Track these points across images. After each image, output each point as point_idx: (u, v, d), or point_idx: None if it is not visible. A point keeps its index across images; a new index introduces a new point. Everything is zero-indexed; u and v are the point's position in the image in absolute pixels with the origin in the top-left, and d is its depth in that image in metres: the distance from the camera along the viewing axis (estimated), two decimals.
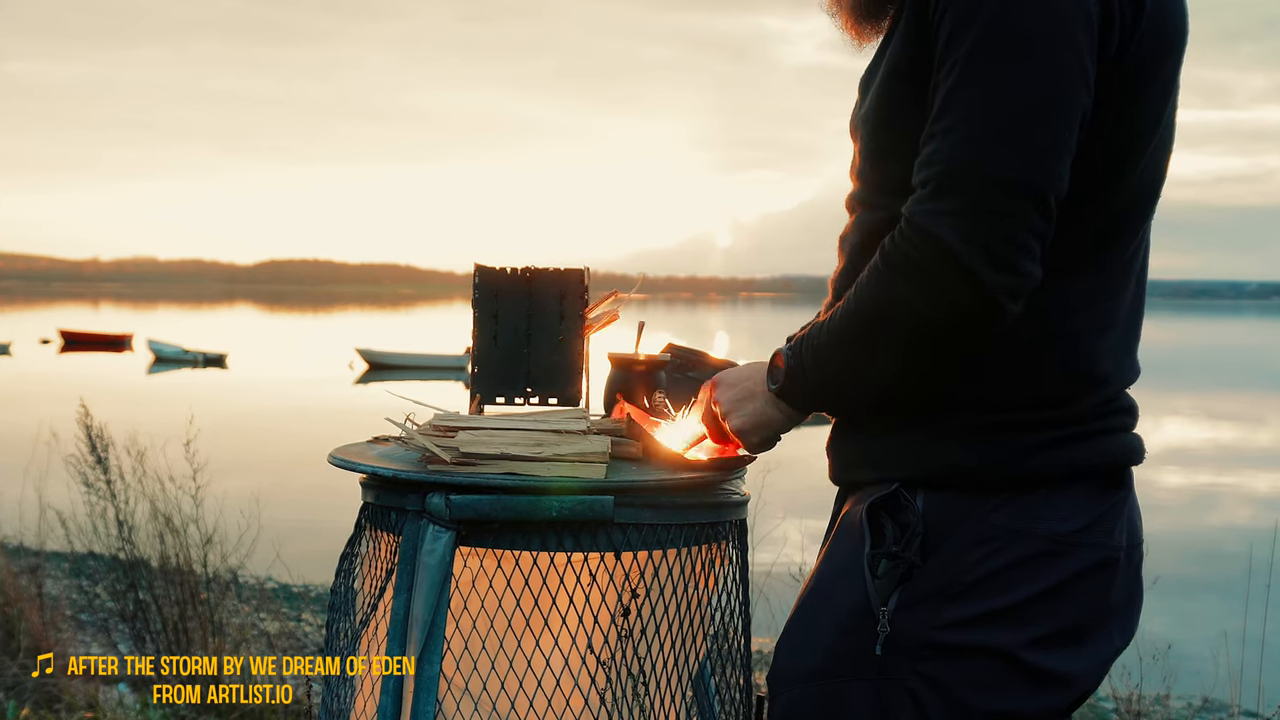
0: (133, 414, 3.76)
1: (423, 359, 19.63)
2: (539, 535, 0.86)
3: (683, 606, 0.92)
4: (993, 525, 0.75)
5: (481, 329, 1.04)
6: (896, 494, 0.77)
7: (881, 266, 0.73)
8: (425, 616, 0.86)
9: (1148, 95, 0.75)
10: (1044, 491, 0.76)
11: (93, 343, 24.45)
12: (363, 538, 0.96)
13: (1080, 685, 0.77)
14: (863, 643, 0.76)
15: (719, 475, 0.92)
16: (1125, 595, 0.79)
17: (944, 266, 0.70)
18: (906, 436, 0.78)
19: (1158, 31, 0.73)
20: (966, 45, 0.70)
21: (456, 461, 0.86)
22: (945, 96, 0.71)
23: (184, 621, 2.54)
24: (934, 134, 0.72)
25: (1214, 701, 2.34)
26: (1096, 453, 0.77)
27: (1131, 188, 0.77)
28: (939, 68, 0.72)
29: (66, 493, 2.84)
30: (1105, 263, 0.77)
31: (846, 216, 0.84)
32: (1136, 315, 0.81)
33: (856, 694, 0.76)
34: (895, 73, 0.77)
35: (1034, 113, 0.69)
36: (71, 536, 2.82)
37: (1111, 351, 0.78)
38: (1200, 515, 6.87)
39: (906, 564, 0.75)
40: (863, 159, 0.81)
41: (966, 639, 0.74)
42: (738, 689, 0.98)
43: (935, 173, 0.71)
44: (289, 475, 6.73)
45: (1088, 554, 0.76)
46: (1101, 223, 0.76)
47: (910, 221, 0.72)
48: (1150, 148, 0.76)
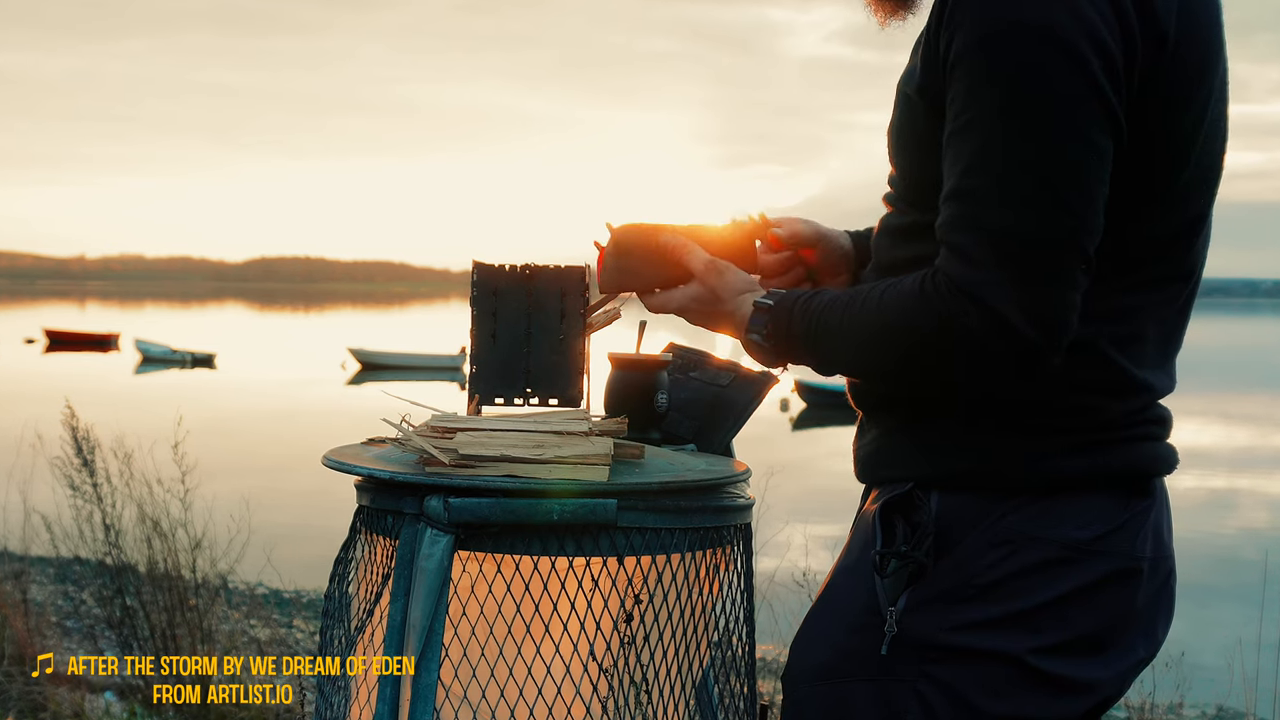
0: (119, 415, 3.71)
1: (417, 359, 19.58)
2: (539, 539, 0.85)
3: (686, 612, 0.90)
4: (1008, 529, 0.74)
5: (480, 328, 1.02)
6: (911, 494, 0.76)
7: (925, 319, 0.71)
8: (423, 622, 0.84)
9: (1179, 121, 0.73)
10: (1063, 497, 0.75)
11: (78, 342, 24.28)
12: (358, 542, 0.94)
13: (1097, 694, 0.76)
14: (870, 642, 0.75)
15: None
16: (1150, 606, 0.78)
17: (1005, 341, 0.69)
18: (926, 437, 0.77)
19: (1185, 60, 0.72)
20: (989, 102, 0.69)
21: (455, 463, 0.85)
22: (971, 154, 0.69)
23: (172, 628, 2.50)
24: (963, 192, 0.70)
25: (1228, 710, 2.33)
26: (1121, 460, 0.75)
27: (1176, 202, 0.75)
28: (954, 113, 0.71)
29: (52, 496, 2.80)
30: (1141, 277, 0.76)
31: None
32: (1179, 326, 0.79)
33: (862, 695, 0.75)
34: (908, 98, 0.76)
35: (1069, 173, 0.68)
36: (57, 541, 2.78)
37: (1145, 363, 0.77)
38: (1215, 519, 6.83)
39: (916, 564, 0.74)
40: (893, 170, 0.82)
41: (976, 642, 0.73)
42: (741, 697, 0.97)
43: (976, 239, 0.69)
44: (280, 478, 6.68)
45: (1105, 562, 0.75)
46: (1146, 237, 0.75)
47: (960, 288, 0.69)
48: (1188, 167, 0.75)
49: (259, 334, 34.54)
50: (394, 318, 49.69)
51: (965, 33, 0.70)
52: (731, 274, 0.84)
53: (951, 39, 0.71)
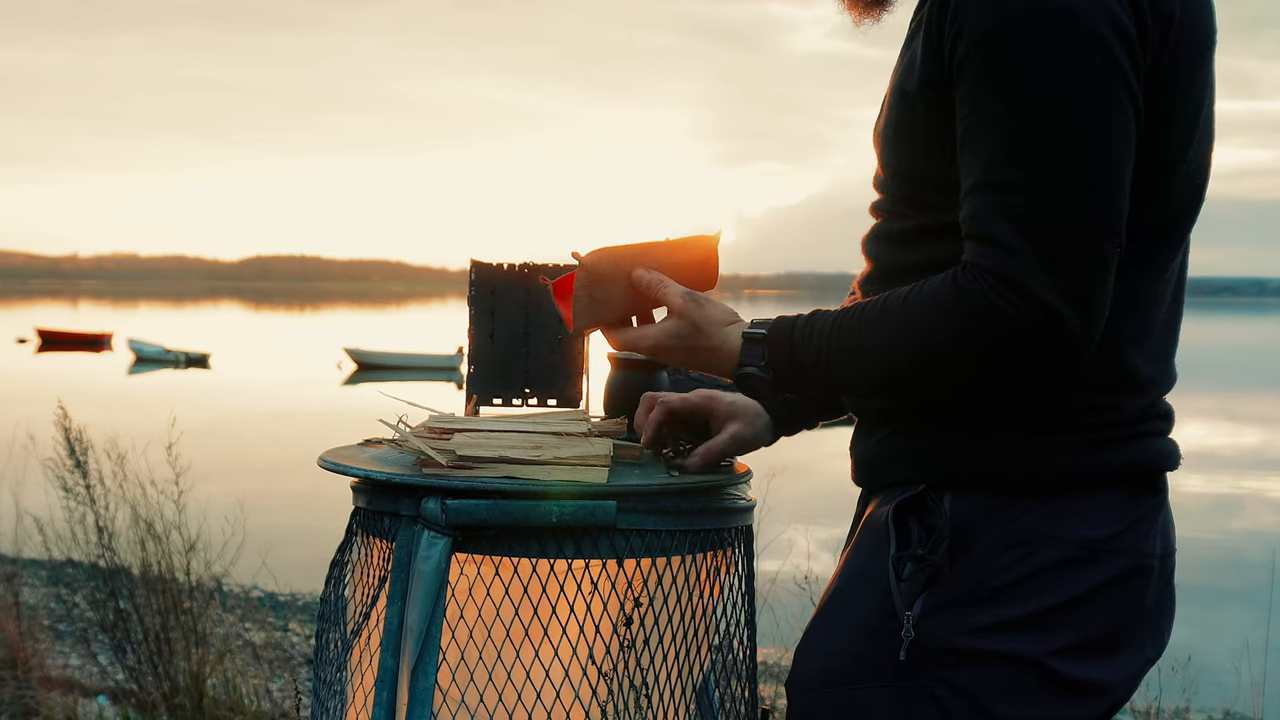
0: (113, 416, 3.69)
1: (413, 359, 19.53)
2: (538, 541, 0.84)
3: (687, 615, 0.89)
4: (1023, 529, 0.73)
5: (478, 327, 1.01)
6: (923, 495, 0.75)
7: (966, 316, 0.69)
8: (420, 626, 0.83)
9: (1183, 105, 0.73)
10: (1076, 495, 0.74)
11: (71, 342, 24.18)
12: (354, 544, 0.93)
13: (1111, 696, 0.75)
14: (886, 648, 0.74)
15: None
16: (1157, 604, 0.77)
17: (1050, 329, 0.68)
18: (934, 437, 0.76)
19: (1188, 40, 0.71)
20: (1010, 89, 0.67)
21: (453, 465, 0.84)
22: (998, 145, 0.68)
23: (166, 631, 2.49)
24: (992, 183, 0.68)
25: (1235, 714, 2.32)
26: (1130, 457, 0.75)
27: (1171, 196, 0.75)
28: (971, 105, 0.69)
29: (44, 498, 2.78)
30: (1147, 269, 0.75)
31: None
32: (1175, 321, 0.79)
33: (878, 701, 0.74)
34: (905, 94, 0.75)
35: (1100, 157, 0.68)
36: (49, 543, 2.76)
37: (1150, 358, 0.76)
38: (1222, 521, 6.79)
39: (933, 567, 0.73)
40: (885, 173, 0.79)
41: (994, 645, 0.72)
42: (743, 701, 0.96)
43: (1013, 229, 0.67)
44: (275, 480, 6.65)
45: (1120, 561, 0.74)
46: (1143, 231, 0.74)
47: (1000, 279, 0.68)
48: (1188, 157, 0.74)
49: (254, 334, 34.43)
50: (390, 317, 49.59)
51: (977, 20, 0.68)
52: (711, 305, 0.80)
53: (961, 29, 0.69)
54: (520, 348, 1.00)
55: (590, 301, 0.82)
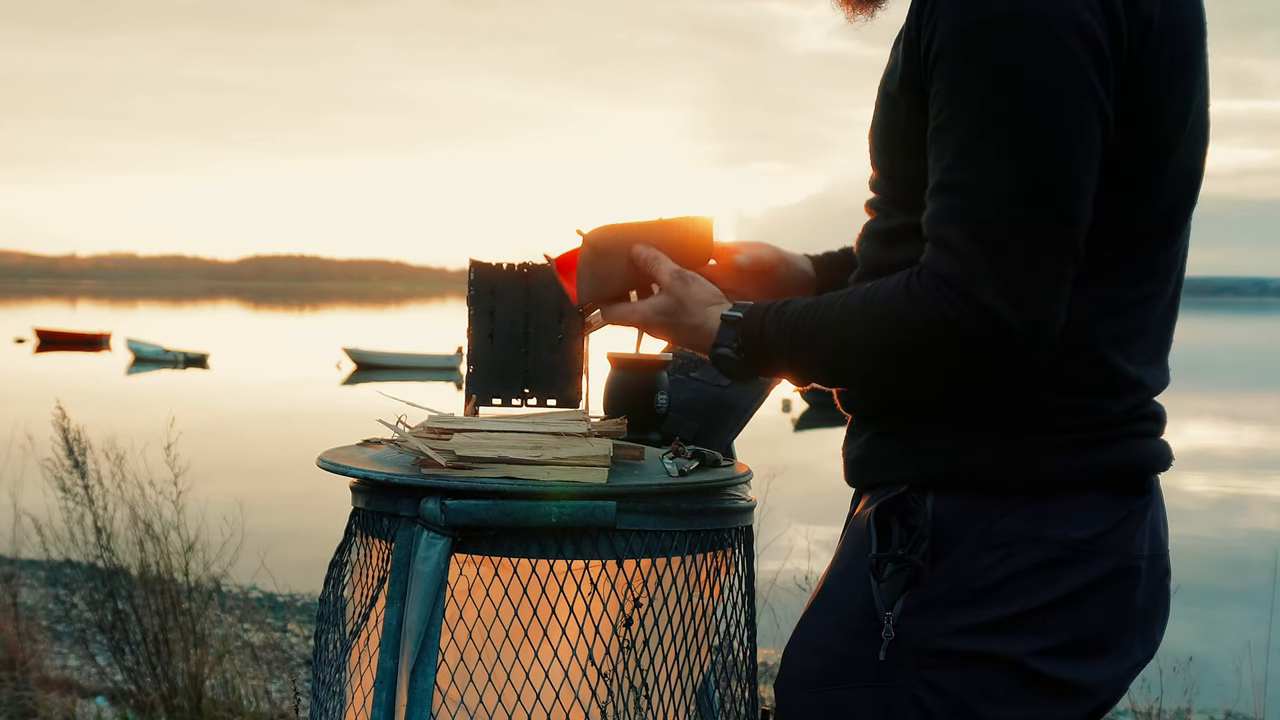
0: (111, 416, 3.69)
1: (412, 359, 19.53)
2: (538, 542, 0.84)
3: (687, 616, 0.89)
4: (1005, 530, 0.73)
5: (477, 327, 1.01)
6: (905, 496, 0.75)
7: (912, 317, 0.69)
8: (419, 627, 0.83)
9: (1168, 105, 0.72)
10: (1060, 496, 0.73)
11: (69, 342, 24.17)
12: (353, 545, 0.93)
13: (1098, 697, 0.75)
14: (866, 648, 0.74)
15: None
16: (1147, 606, 0.77)
17: (991, 333, 0.68)
18: (917, 438, 0.76)
19: (1170, 40, 0.71)
20: (972, 94, 0.68)
21: (452, 465, 0.84)
22: (957, 147, 0.68)
23: (164, 632, 2.48)
24: (948, 185, 0.69)
25: (1237, 715, 2.31)
26: (1116, 458, 0.74)
27: (1157, 196, 0.74)
28: (938, 107, 0.70)
29: (42, 498, 2.77)
30: (1134, 271, 0.75)
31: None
32: (1169, 322, 0.79)
33: (860, 701, 0.74)
34: (890, 95, 0.75)
35: (1055, 164, 0.67)
36: (47, 544, 2.75)
37: (1138, 359, 0.76)
38: (1224, 521, 6.77)
39: (913, 568, 0.73)
40: (875, 172, 0.80)
41: (976, 646, 0.72)
42: (743, 702, 0.96)
43: (962, 233, 0.68)
44: (274, 480, 6.65)
45: (1105, 562, 0.74)
46: (1128, 233, 0.74)
47: (946, 281, 0.68)
48: (1175, 157, 0.74)
49: (253, 334, 34.40)
50: (390, 317, 49.57)
51: (947, 24, 0.68)
52: (698, 285, 0.81)
53: (934, 31, 0.69)
54: (520, 348, 1.00)
55: (593, 276, 0.84)
